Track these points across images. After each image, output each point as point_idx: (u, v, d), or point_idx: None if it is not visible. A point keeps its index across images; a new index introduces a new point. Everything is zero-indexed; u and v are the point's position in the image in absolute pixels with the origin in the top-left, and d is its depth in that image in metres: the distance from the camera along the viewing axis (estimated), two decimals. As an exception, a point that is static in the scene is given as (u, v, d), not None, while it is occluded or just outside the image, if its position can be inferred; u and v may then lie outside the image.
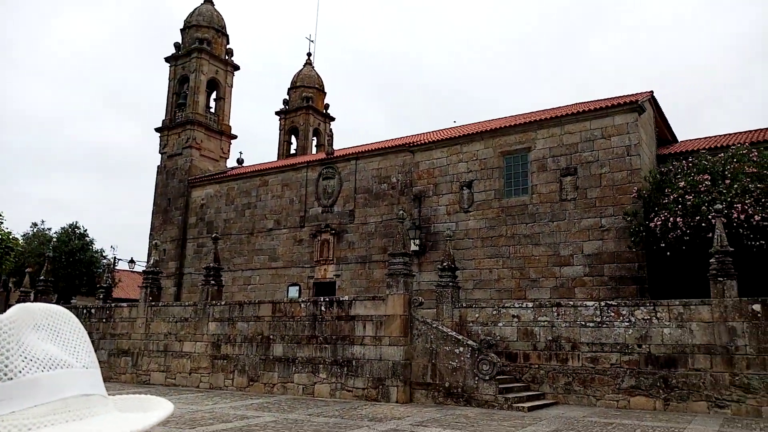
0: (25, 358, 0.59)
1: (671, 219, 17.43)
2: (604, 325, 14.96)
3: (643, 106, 21.00)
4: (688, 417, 12.71)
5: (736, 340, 13.45)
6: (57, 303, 27.86)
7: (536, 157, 22.30)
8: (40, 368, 0.59)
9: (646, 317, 14.55)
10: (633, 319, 14.66)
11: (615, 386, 14.58)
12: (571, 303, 15.96)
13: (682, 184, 17.95)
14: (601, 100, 23.82)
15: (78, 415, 0.59)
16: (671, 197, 18.00)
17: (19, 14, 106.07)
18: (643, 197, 19.38)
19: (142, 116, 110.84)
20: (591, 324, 15.13)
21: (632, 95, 22.30)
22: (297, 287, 28.01)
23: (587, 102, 24.33)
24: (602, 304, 15.29)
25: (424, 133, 29.10)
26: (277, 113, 43.14)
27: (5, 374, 0.57)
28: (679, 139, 25.94)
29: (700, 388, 13.67)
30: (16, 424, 0.55)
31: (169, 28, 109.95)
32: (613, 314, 14.94)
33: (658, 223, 17.82)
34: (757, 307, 13.44)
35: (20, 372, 0.58)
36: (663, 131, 24.53)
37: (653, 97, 22.59)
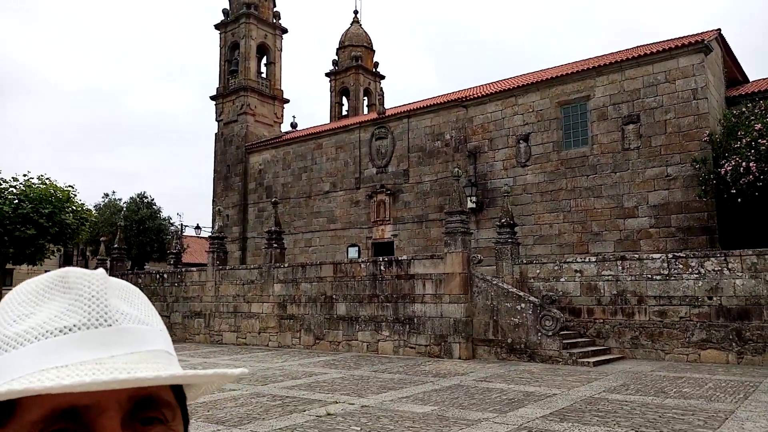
0: (117, 311, 0.65)
1: (743, 164, 16.55)
2: (672, 278, 14.54)
3: (709, 46, 19.73)
4: (764, 371, 12.33)
5: (816, 290, 12.83)
6: (131, 269, 29.38)
7: (596, 106, 21.46)
8: (130, 322, 0.65)
9: (716, 268, 14.04)
10: (703, 270, 14.18)
11: (684, 340, 14.26)
12: (637, 256, 15.55)
13: (758, 126, 16.91)
14: (663, 41, 22.52)
15: (164, 367, 0.64)
16: (744, 141, 17.03)
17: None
18: (713, 142, 18.42)
19: (197, 85, 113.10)
20: (658, 277, 14.74)
21: (697, 35, 20.98)
22: (356, 248, 28.45)
23: (649, 45, 23.05)
24: (669, 256, 14.83)
25: (476, 87, 28.42)
26: (326, 74, 43.05)
27: (105, 320, 0.63)
28: (751, 79, 24.34)
29: (776, 340, 13.18)
30: (117, 366, 0.60)
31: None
32: (681, 266, 14.48)
33: (729, 168, 16.96)
34: (839, 254, 12.73)
35: (116, 321, 0.64)
36: (732, 72, 23.05)
37: (721, 36, 21.18)
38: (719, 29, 20.98)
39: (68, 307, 0.63)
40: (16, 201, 20.47)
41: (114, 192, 43.91)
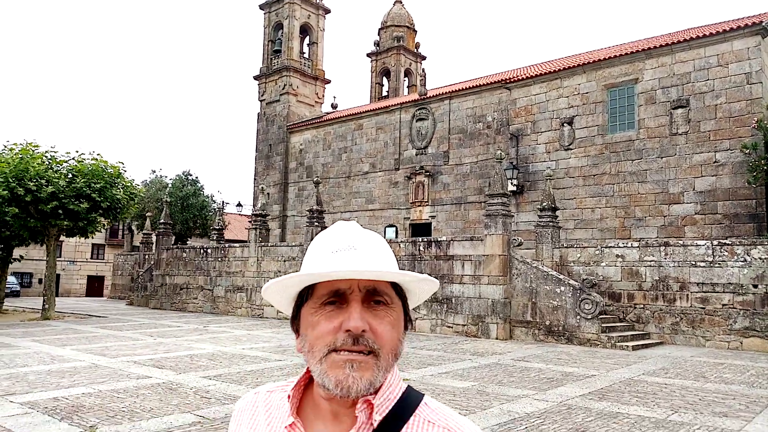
0: (359, 243, 1.06)
1: (797, 151, 16.03)
2: (717, 265, 14.33)
3: (767, 28, 19.05)
4: (808, 360, 12.13)
5: None
6: (174, 244, 30.30)
7: (644, 89, 21.02)
8: (366, 249, 1.05)
9: (763, 256, 13.77)
10: (749, 258, 13.93)
11: (726, 327, 14.08)
12: (681, 242, 15.33)
13: (812, 112, 16.35)
14: (717, 23, 21.83)
15: (383, 273, 1.02)
16: (798, 127, 16.49)
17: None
18: (764, 128, 17.88)
19: (241, 64, 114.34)
20: (702, 264, 14.54)
21: (754, 16, 20.25)
22: (394, 228, 28.70)
23: (701, 27, 22.37)
24: (715, 242, 14.59)
25: (520, 68, 28.10)
26: (368, 55, 43.13)
27: (354, 246, 1.04)
28: (810, 62, 23.36)
29: (823, 331, 12.90)
30: (357, 269, 0.99)
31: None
32: (726, 253, 14.25)
33: (781, 156, 16.47)
34: None
35: (357, 248, 1.04)
36: (791, 54, 22.17)
37: (780, 16, 20.39)
38: (777, 10, 20.21)
39: (335, 238, 1.06)
40: (70, 176, 21.32)
41: (161, 169, 45.09)
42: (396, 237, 27.64)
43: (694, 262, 14.67)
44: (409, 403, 1.04)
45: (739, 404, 7.72)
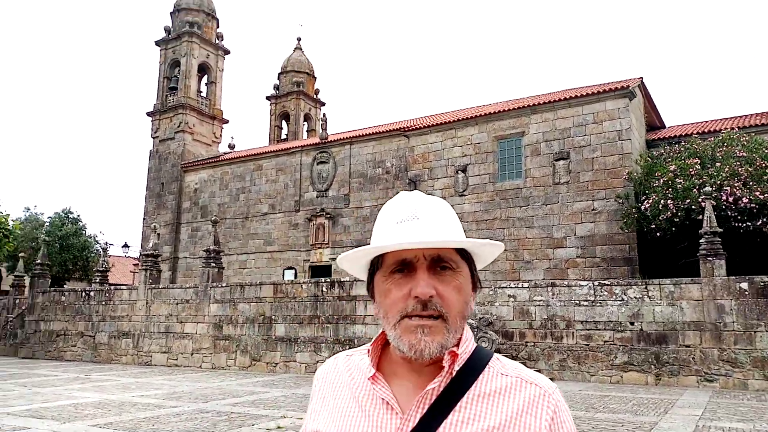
0: (422, 212, 1.15)
1: (661, 201, 17.97)
2: (598, 304, 15.51)
3: (633, 92, 21.48)
4: (679, 390, 13.34)
5: (725, 317, 14.07)
6: (51, 287, 27.89)
7: (530, 142, 22.73)
8: (429, 218, 1.13)
9: (638, 296, 15.11)
10: (625, 297, 15.22)
11: (608, 362, 15.17)
12: (566, 283, 16.47)
13: (672, 167, 18.48)
14: (593, 85, 24.24)
15: (445, 241, 1.11)
16: (661, 180, 18.53)
17: None
18: (634, 180, 19.91)
19: (132, 100, 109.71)
20: (585, 303, 15.67)
21: (623, 81, 22.76)
22: (293, 270, 28.34)
23: (579, 87, 24.74)
24: (596, 283, 15.82)
25: (418, 118, 29.38)
26: (267, 98, 43.15)
27: (416, 216, 1.11)
28: (667, 125, 26.51)
29: (690, 363, 14.29)
30: (420, 239, 1.07)
31: (158, 11, 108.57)
32: (606, 293, 15.48)
33: (648, 205, 18.36)
34: (744, 285, 14.06)
35: (419, 218, 1.12)
36: (652, 117, 25.05)
37: (643, 83, 23.07)
38: (641, 77, 22.85)
39: (399, 209, 1.12)
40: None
41: (36, 206, 41.70)
42: (296, 278, 27.28)
43: (578, 302, 15.79)
44: (482, 357, 1.15)
45: (626, 430, 8.34)
